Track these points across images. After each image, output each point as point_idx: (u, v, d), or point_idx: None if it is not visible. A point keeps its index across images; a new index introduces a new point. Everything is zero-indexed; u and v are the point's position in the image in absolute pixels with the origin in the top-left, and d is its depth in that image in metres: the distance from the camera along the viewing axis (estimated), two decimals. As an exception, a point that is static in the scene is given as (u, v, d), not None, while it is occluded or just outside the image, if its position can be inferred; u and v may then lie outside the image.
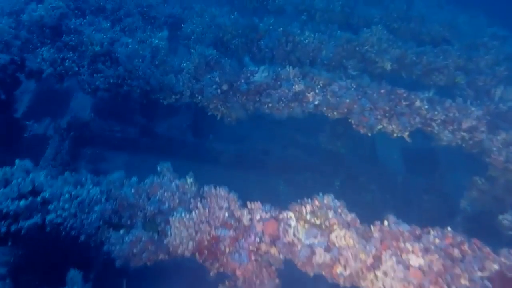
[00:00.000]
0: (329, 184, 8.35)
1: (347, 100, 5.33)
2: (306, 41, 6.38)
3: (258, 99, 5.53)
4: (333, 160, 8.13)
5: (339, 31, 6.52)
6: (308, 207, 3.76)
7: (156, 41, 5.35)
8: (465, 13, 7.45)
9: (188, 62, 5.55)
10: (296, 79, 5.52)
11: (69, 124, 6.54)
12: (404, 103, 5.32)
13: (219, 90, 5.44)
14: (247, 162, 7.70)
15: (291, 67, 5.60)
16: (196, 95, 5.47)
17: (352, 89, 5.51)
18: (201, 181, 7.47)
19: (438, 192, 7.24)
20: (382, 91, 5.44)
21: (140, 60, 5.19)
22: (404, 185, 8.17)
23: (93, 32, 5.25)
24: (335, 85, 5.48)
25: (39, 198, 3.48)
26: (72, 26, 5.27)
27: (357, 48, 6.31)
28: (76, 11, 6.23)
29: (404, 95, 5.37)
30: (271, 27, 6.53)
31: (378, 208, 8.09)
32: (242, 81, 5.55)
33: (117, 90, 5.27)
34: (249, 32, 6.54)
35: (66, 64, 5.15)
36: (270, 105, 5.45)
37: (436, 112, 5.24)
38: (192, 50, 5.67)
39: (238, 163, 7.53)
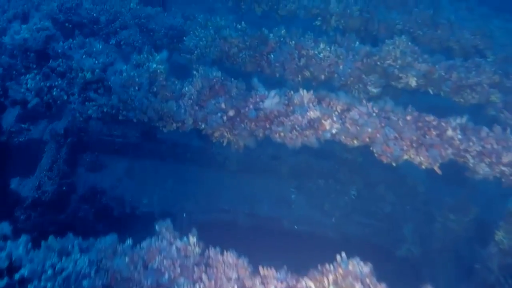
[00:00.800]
0: (344, 192, 7.86)
1: (369, 129, 4.73)
2: (321, 55, 5.75)
3: (268, 126, 4.96)
4: (349, 167, 7.60)
5: (357, 43, 5.85)
6: (331, 277, 3.23)
7: (155, 66, 4.76)
8: (499, 18, 6.71)
9: (190, 86, 4.97)
10: (311, 104, 4.92)
11: (66, 130, 6.11)
12: (434, 133, 4.70)
13: (225, 117, 4.88)
14: (255, 168, 7.24)
15: (305, 90, 5.00)
16: (200, 123, 4.91)
17: (374, 114, 4.91)
18: (206, 189, 7.09)
19: (468, 213, 6.63)
20: (409, 117, 4.82)
21: (137, 88, 4.62)
22: (426, 197, 7.62)
23: (84, 56, 4.67)
24: (355, 111, 4.87)
25: (16, 277, 2.99)
26: (59, 50, 4.68)
27: (378, 63, 5.66)
28: (67, 24, 5.66)
29: (434, 122, 4.75)
30: (282, 39, 5.89)
31: (397, 222, 7.58)
32: (251, 106, 4.97)
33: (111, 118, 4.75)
34: (258, 44, 5.91)
35: (54, 93, 4.60)
36: (282, 134, 4.88)
37: (471, 143, 4.62)
38: (194, 72, 5.08)
39: (245, 169, 7.05)
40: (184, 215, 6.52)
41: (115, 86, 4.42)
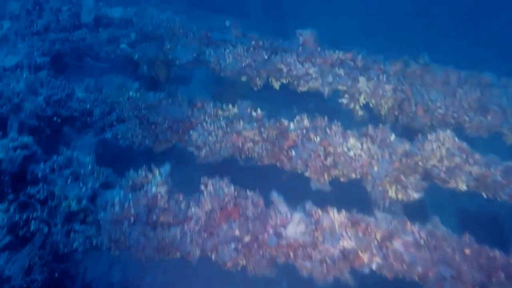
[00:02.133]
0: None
1: (419, 268, 3.83)
2: (352, 153, 4.87)
3: (292, 256, 4.08)
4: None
5: (393, 136, 4.97)
6: None
7: (155, 190, 3.92)
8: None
9: (197, 207, 4.12)
10: (343, 232, 4.03)
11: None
12: (501, 274, 3.77)
13: (239, 246, 4.03)
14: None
15: (335, 211, 4.13)
16: (209, 254, 4.06)
17: (422, 241, 4.00)
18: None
19: None
20: (467, 251, 3.90)
21: (132, 220, 3.77)
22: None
23: (69, 180, 3.85)
24: (399, 241, 3.97)
25: None
26: (40, 174, 3.87)
27: (420, 163, 4.77)
28: (55, 118, 4.86)
29: (501, 260, 3.82)
30: (304, 131, 5.04)
31: None
32: (271, 231, 4.11)
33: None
34: (277, 137, 5.06)
35: (32, 227, 3.78)
36: (309, 268, 3.99)
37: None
38: (202, 187, 4.23)
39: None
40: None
41: (105, 223, 3.58)
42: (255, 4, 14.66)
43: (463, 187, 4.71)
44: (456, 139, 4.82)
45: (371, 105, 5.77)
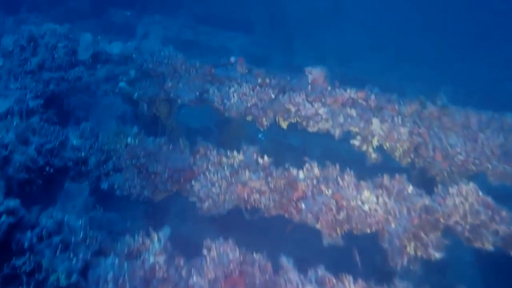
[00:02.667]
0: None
1: None
2: (366, 206, 4.51)
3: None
4: None
5: (411, 187, 4.61)
6: None
7: (153, 259, 3.58)
8: None
9: (199, 277, 3.77)
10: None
11: None
12: None
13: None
14: None
15: (352, 284, 3.76)
16: (213, 330, 3.71)
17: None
18: None
19: None
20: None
21: (127, 296, 3.43)
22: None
23: (58, 250, 3.52)
24: (422, 318, 3.60)
25: None
26: (26, 245, 3.54)
27: (441, 219, 4.40)
28: (47, 168, 4.54)
29: None
30: (315, 182, 4.69)
31: None
32: (280, 303, 3.75)
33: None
34: (285, 187, 4.71)
35: (18, 303, 3.44)
36: None
37: None
38: (205, 252, 3.89)
39: None
40: None
41: (97, 304, 3.24)
42: (260, 19, 14.34)
43: (489, 247, 4.33)
44: (480, 193, 4.45)
45: (385, 147, 5.41)
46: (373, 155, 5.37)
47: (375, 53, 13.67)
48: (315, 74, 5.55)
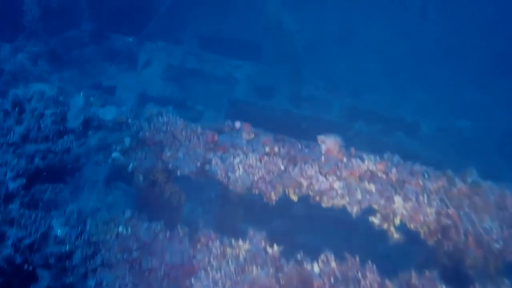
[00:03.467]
0: None
1: None
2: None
3: None
4: None
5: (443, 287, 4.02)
6: None
7: None
8: None
9: None
10: None
11: None
12: None
13: None
14: None
15: None
16: None
17: None
18: None
19: None
20: None
21: None
22: None
23: None
24: None
25: None
26: None
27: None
28: (26, 266, 4.00)
29: None
30: (332, 279, 4.11)
31: None
32: None
33: None
34: (297, 285, 4.15)
35: None
36: None
37: None
38: None
39: None
40: None
41: None
42: (268, 41, 13.77)
43: None
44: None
45: (408, 226, 4.83)
46: (395, 235, 4.80)
47: (387, 81, 13.08)
48: (329, 144, 4.98)
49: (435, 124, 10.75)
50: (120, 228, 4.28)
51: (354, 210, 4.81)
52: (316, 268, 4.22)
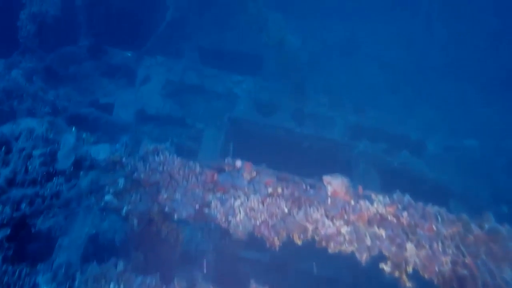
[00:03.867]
0: None
1: None
2: None
3: None
4: None
5: None
6: None
7: None
8: None
9: None
10: None
11: None
12: None
13: None
14: None
15: None
16: None
17: None
18: None
19: None
20: None
21: None
22: None
23: None
24: None
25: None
26: None
27: None
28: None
29: None
30: None
31: None
32: None
33: None
34: None
35: None
36: None
37: None
38: None
39: None
40: None
41: None
42: (269, 58, 13.49)
43: None
44: None
45: (421, 274, 4.52)
46: (408, 284, 4.48)
47: (392, 96, 12.77)
48: (335, 186, 4.68)
49: (442, 143, 10.43)
50: (112, 285, 3.97)
51: (364, 257, 4.50)
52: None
